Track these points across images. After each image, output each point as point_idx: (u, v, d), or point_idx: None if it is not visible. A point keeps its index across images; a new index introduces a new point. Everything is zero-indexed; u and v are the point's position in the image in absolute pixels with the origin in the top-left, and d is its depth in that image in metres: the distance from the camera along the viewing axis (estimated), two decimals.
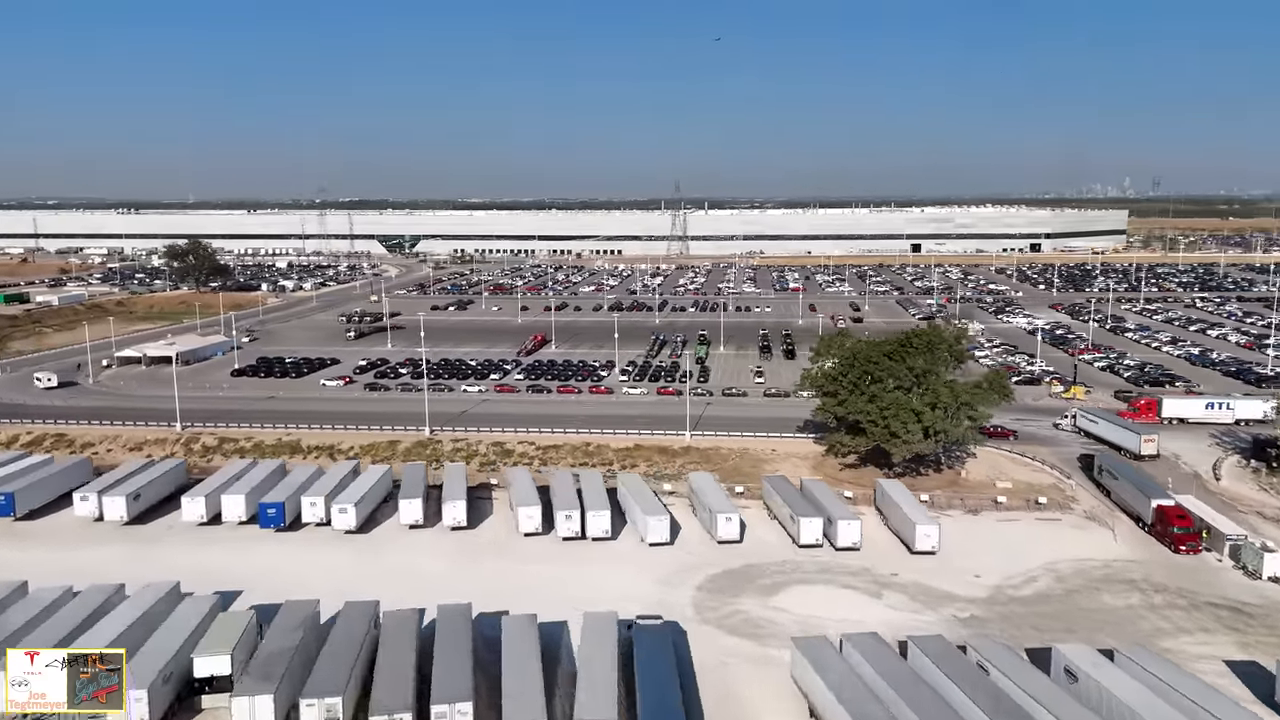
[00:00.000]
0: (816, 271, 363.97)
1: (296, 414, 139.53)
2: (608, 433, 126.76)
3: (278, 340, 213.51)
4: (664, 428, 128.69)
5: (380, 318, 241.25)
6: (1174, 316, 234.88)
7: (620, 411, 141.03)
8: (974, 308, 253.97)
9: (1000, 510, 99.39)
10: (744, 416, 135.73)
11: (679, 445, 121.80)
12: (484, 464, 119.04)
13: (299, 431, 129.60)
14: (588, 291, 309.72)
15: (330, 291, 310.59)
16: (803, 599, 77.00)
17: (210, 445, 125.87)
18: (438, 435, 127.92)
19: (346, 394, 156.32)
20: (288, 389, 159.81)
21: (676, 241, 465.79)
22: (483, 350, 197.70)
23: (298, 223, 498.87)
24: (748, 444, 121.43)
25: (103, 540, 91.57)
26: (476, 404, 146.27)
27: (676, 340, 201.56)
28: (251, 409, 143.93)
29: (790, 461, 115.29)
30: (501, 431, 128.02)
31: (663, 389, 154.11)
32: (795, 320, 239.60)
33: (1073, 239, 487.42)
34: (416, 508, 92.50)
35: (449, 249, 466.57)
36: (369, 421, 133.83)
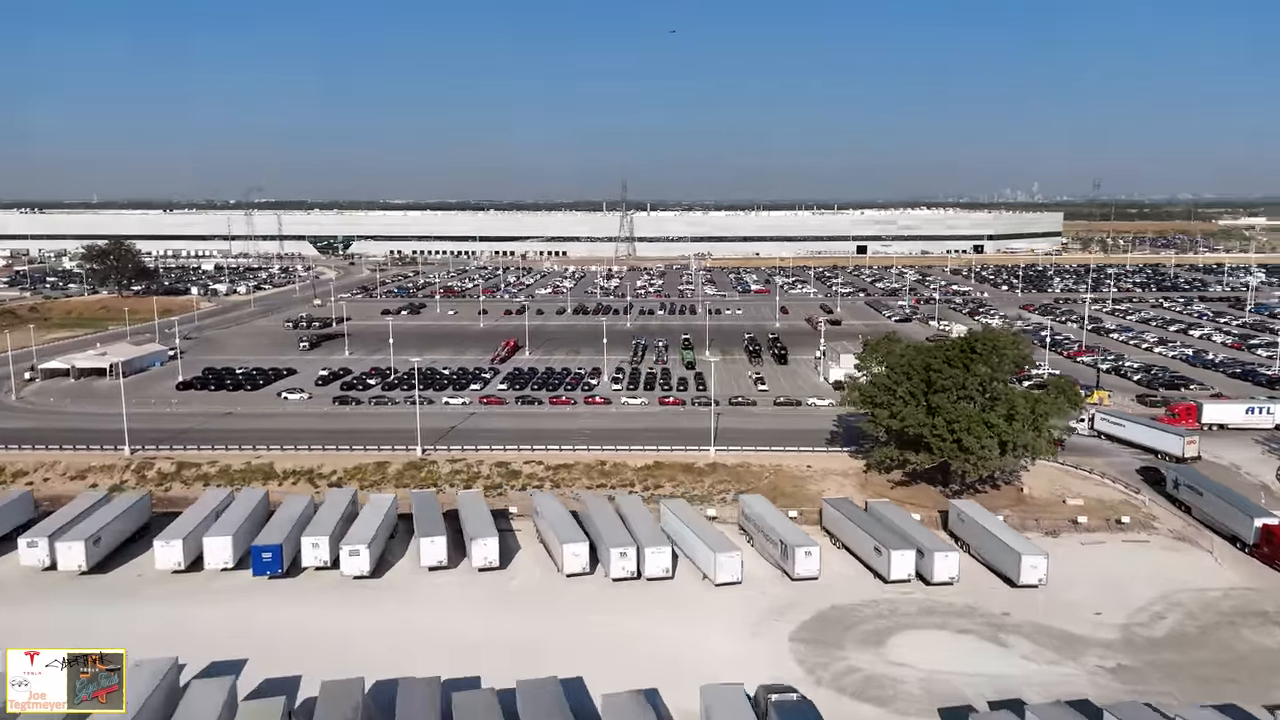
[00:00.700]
0: (774, 273, 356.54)
1: (260, 433, 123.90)
2: (621, 449, 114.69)
3: (219, 348, 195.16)
4: (678, 442, 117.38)
5: (329, 323, 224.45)
6: (1148, 317, 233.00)
7: (624, 425, 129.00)
8: (945, 309, 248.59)
9: (1081, 531, 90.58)
10: (760, 429, 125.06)
11: (704, 462, 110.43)
12: (489, 487, 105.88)
13: (269, 454, 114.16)
14: (545, 294, 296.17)
15: (268, 295, 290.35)
16: (918, 649, 66.33)
17: (167, 472, 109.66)
18: (431, 455, 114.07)
19: (312, 408, 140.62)
20: (244, 403, 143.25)
21: (624, 243, 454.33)
22: (452, 357, 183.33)
23: (222, 223, 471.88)
24: (779, 459, 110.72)
25: (58, 595, 75.82)
26: (464, 418, 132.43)
27: (658, 345, 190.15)
28: (208, 428, 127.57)
29: (832, 480, 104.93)
30: (503, 450, 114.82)
31: (665, 398, 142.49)
32: (771, 323, 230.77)
33: (1013, 240, 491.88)
34: (440, 547, 79.05)
35: (384, 250, 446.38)
36: (346, 440, 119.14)
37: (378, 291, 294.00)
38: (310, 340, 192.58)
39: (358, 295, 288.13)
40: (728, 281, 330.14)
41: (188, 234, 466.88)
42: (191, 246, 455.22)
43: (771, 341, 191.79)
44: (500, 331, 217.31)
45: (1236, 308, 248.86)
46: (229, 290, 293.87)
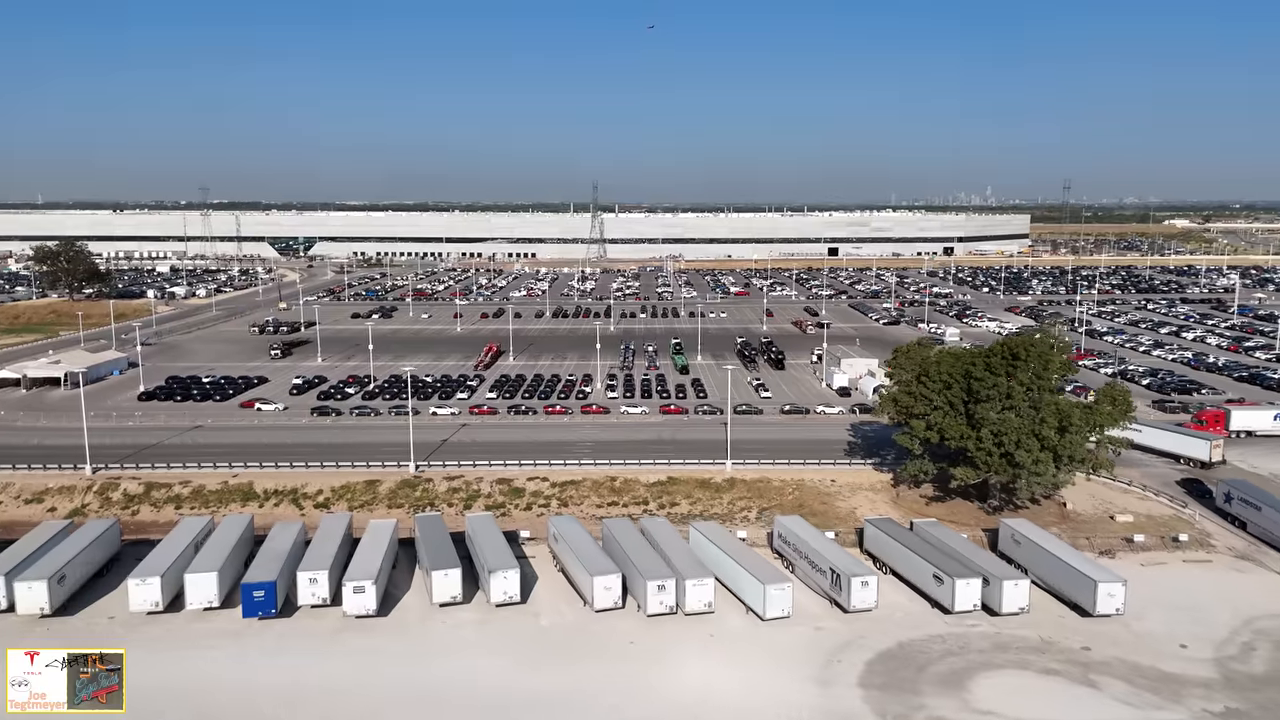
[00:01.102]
0: (751, 275, 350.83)
1: (234, 448, 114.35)
2: (630, 463, 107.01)
3: (182, 355, 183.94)
4: (687, 454, 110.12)
5: (297, 327, 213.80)
6: (1136, 319, 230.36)
7: (627, 436, 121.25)
8: (931, 312, 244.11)
9: (1137, 551, 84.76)
10: (771, 439, 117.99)
11: (721, 477, 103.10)
12: (491, 506, 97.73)
13: (247, 472, 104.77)
14: (520, 296, 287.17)
15: (229, 298, 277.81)
16: (1003, 693, 59.59)
17: (135, 494, 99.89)
18: (425, 472, 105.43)
19: (289, 420, 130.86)
20: (213, 415, 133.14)
21: (594, 244, 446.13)
22: (431, 364, 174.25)
23: (177, 223, 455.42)
24: (800, 474, 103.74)
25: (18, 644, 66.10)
26: (454, 430, 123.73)
27: (647, 350, 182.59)
28: (176, 443, 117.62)
29: (861, 496, 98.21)
30: (503, 465, 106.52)
31: (666, 407, 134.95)
32: (757, 326, 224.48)
33: (982, 243, 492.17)
34: (454, 582, 70.77)
35: (347, 251, 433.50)
36: (329, 456, 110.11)
37: (345, 294, 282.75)
38: (281, 347, 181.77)
39: (325, 298, 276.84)
40: (704, 284, 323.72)
41: (141, 235, 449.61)
42: (145, 248, 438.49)
43: (765, 346, 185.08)
44: (479, 336, 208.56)
45: (1220, 309, 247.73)
46: (188, 293, 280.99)
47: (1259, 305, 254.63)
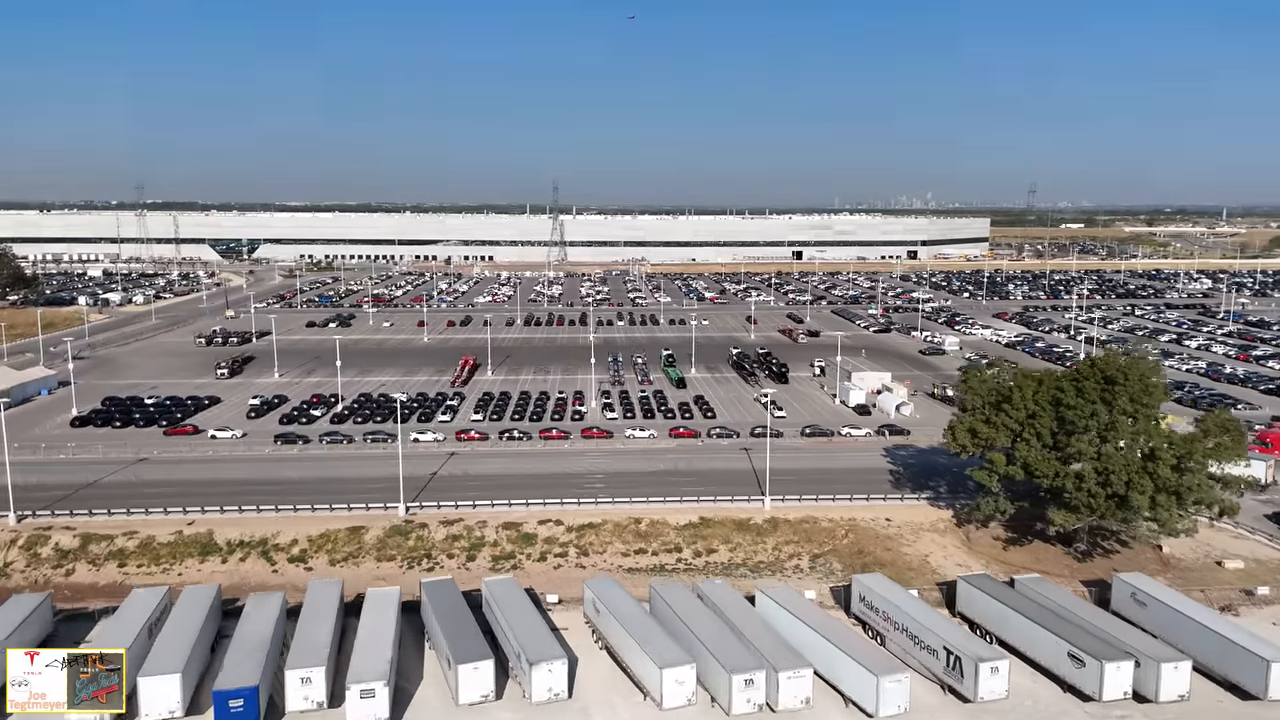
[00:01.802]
0: (723, 280, 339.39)
1: (187, 486, 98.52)
2: (654, 501, 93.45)
3: (119, 371, 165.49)
4: (713, 487, 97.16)
5: (247, 337, 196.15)
6: (1131, 326, 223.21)
7: (640, 465, 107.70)
8: (916, 318, 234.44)
9: (1262, 605, 73.66)
10: (800, 468, 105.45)
11: (760, 517, 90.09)
12: (499, 557, 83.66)
13: (205, 519, 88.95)
14: (484, 302, 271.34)
15: (170, 305, 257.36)
16: None
17: (69, 548, 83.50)
18: (417, 515, 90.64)
19: (249, 451, 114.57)
20: (160, 445, 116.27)
21: (555, 247, 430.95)
22: (402, 379, 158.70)
23: (109, 224, 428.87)
24: (849, 512, 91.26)
25: None
26: (442, 460, 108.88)
27: (636, 361, 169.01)
28: (118, 481, 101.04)
29: (926, 539, 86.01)
30: (507, 505, 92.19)
31: (676, 429, 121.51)
32: (744, 334, 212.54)
33: (945, 246, 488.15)
34: (486, 677, 56.49)
35: (293, 254, 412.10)
36: (300, 495, 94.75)
37: (297, 301, 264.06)
38: (229, 364, 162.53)
39: (274, 305, 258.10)
40: (675, 289, 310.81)
41: (70, 236, 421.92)
42: (75, 250, 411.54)
43: (763, 357, 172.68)
44: (449, 347, 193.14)
45: (1207, 315, 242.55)
46: (124, 300, 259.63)
47: (1245, 310, 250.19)
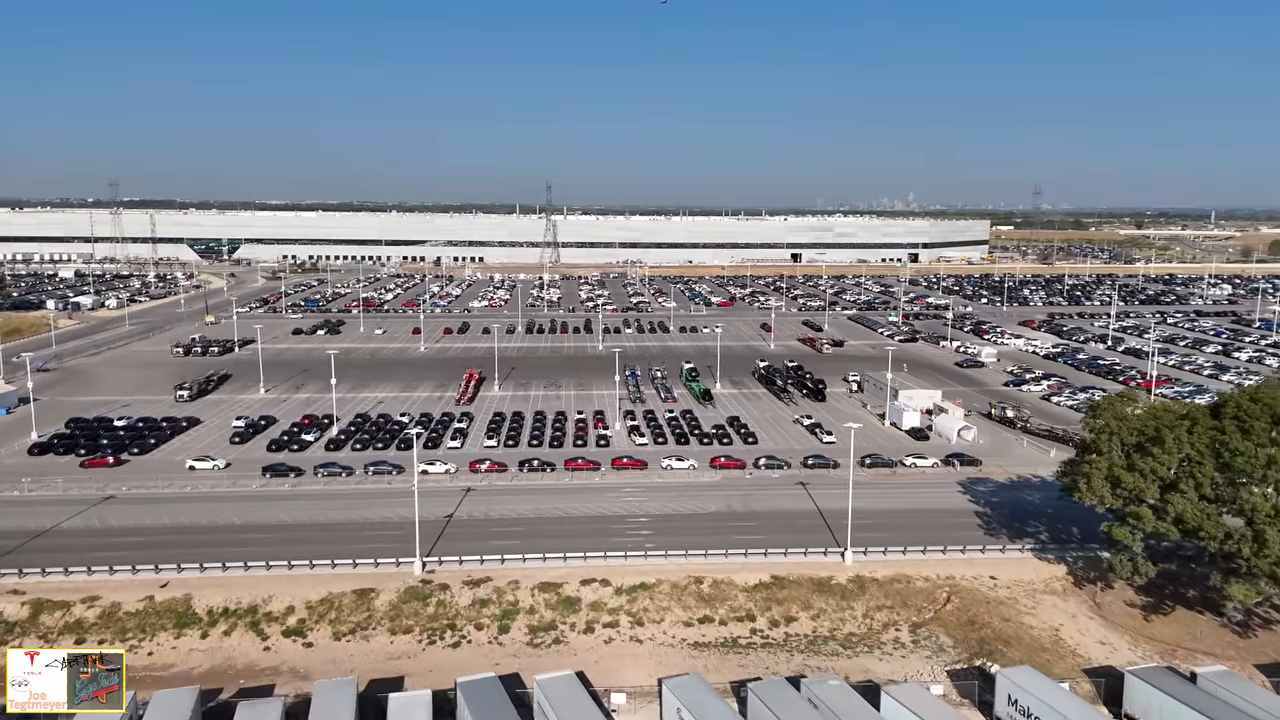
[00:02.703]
0: (725, 283, 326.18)
1: (161, 533, 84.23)
2: (714, 555, 79.66)
3: (87, 385, 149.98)
4: (778, 534, 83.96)
5: (229, 346, 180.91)
6: (1168, 335, 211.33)
7: (686, 505, 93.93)
8: (940, 327, 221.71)
9: None
10: (870, 508, 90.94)
11: (842, 576, 76.56)
12: (537, 629, 69.81)
13: (181, 578, 74.54)
14: (481, 307, 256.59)
15: (145, 309, 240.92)
16: None
17: (16, 619, 69.02)
18: (435, 572, 76.49)
19: (234, 486, 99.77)
20: (130, 477, 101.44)
21: (548, 248, 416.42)
22: (400, 394, 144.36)
23: (83, 223, 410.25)
24: (945, 567, 78.04)
25: None
26: (457, 498, 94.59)
27: (655, 375, 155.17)
28: (79, 528, 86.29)
29: (1048, 605, 72.69)
30: (541, 560, 78.21)
31: (718, 459, 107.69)
32: (761, 343, 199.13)
33: (947, 249, 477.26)
34: None
35: (275, 255, 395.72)
36: (295, 543, 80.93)
37: (282, 305, 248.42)
38: (193, 386, 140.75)
39: (256, 309, 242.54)
40: (676, 292, 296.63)
41: (42, 235, 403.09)
42: (47, 249, 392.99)
43: (794, 371, 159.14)
44: (448, 357, 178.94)
45: (1241, 323, 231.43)
46: (96, 304, 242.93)
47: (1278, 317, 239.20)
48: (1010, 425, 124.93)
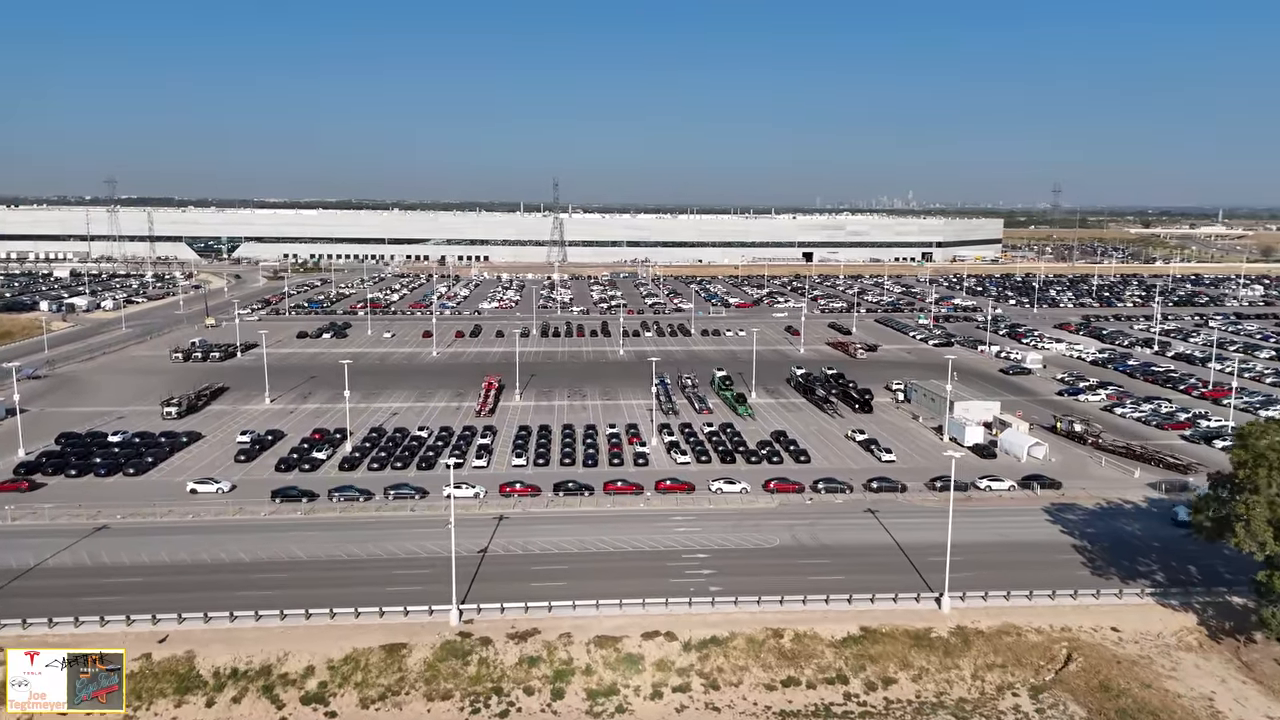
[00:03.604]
0: (740, 283, 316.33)
1: (158, 572, 74.75)
2: (791, 601, 69.79)
3: (81, 394, 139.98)
4: (856, 573, 74.62)
5: (230, 351, 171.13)
6: (1216, 338, 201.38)
7: (747, 537, 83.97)
8: (973, 329, 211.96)
9: None
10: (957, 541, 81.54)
11: (942, 627, 66.89)
12: (595, 693, 60.26)
13: (184, 630, 64.88)
14: (491, 309, 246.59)
15: (142, 311, 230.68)
16: None
17: None
18: (474, 623, 66.67)
19: (240, 514, 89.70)
20: (124, 502, 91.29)
21: (555, 248, 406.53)
22: (414, 404, 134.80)
23: (80, 221, 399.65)
24: (1059, 616, 68.54)
25: None
26: (489, 528, 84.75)
27: (686, 384, 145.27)
28: (64, 566, 76.54)
29: (1188, 665, 63.11)
30: (594, 607, 68.41)
31: (772, 482, 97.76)
32: (790, 348, 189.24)
33: (961, 248, 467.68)
34: None
35: (276, 254, 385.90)
36: (311, 587, 71.29)
37: (285, 306, 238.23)
38: (182, 401, 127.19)
39: (258, 310, 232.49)
40: (689, 292, 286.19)
41: (38, 233, 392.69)
42: (42, 248, 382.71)
43: (834, 379, 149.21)
44: (462, 363, 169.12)
45: None
46: (91, 305, 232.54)
47: None
48: (1080, 441, 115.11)
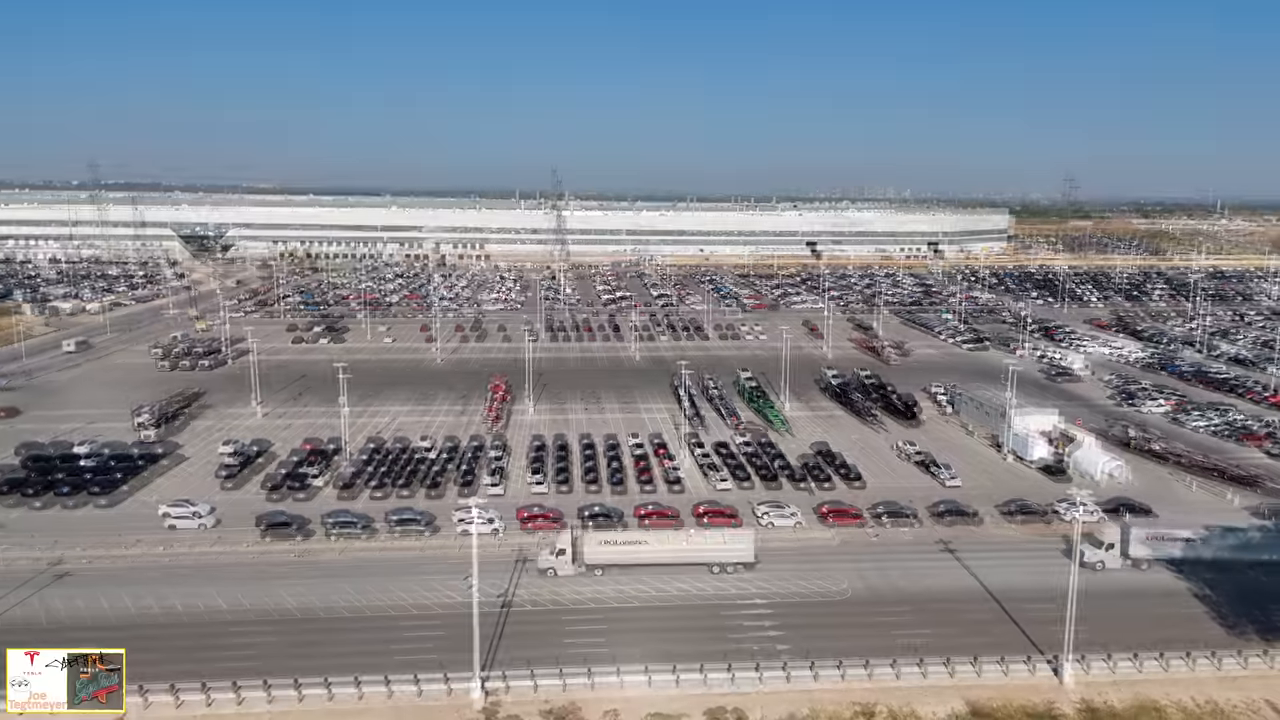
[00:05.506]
0: (749, 277, 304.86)
1: (125, 628, 62.54)
2: (880, 671, 58.50)
3: (57, 401, 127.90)
4: (945, 627, 63.28)
5: (221, 359, 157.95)
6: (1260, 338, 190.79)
7: (810, 582, 72.56)
8: (1006, 330, 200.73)
9: None
10: (1046, 585, 70.19)
11: (1067, 706, 56.10)
12: None
13: (151, 713, 52.96)
14: (494, 305, 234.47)
15: (129, 312, 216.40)
16: None
17: None
18: (501, 700, 55.31)
19: (223, 547, 78.21)
20: (89, 533, 79.70)
21: (555, 240, 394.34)
22: (415, 412, 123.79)
23: (63, 208, 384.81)
24: (1202, 688, 57.61)
25: None
26: (508, 569, 73.24)
27: (711, 392, 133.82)
28: (18, 624, 64.47)
29: None
30: (644, 677, 57.13)
31: (824, 508, 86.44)
32: (813, 349, 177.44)
33: (969, 240, 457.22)
34: None
35: (267, 245, 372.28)
36: (303, 648, 59.81)
37: (277, 302, 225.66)
38: (155, 415, 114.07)
39: (247, 302, 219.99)
40: (698, 287, 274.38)
41: (16, 219, 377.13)
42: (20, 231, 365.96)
43: (873, 385, 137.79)
44: (468, 366, 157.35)
45: None
46: (76, 309, 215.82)
47: None
48: (1160, 459, 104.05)
